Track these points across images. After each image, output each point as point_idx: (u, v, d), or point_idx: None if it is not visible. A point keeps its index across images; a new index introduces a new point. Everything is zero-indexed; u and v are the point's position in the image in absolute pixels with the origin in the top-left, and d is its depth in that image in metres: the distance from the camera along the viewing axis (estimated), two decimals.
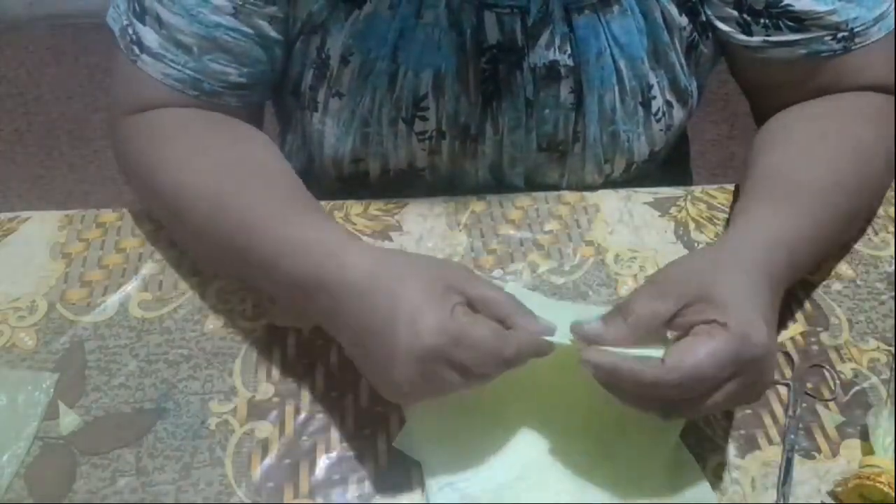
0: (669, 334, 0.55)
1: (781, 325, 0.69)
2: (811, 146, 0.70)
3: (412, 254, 0.63)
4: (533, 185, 0.83)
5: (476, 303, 0.56)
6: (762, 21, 0.73)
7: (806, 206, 0.64)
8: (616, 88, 0.76)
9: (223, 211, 0.64)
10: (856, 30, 0.72)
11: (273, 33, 0.72)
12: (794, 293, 0.71)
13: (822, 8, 0.71)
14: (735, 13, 0.74)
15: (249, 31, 0.70)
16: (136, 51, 0.70)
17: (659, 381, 0.51)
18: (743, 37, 0.75)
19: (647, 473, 0.59)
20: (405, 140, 0.78)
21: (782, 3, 0.72)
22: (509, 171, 0.81)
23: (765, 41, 0.74)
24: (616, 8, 0.73)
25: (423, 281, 0.55)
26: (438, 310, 0.53)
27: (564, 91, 0.75)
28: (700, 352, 0.51)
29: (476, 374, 0.54)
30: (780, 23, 0.73)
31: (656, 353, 0.52)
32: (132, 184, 0.74)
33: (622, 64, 0.75)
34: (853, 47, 0.73)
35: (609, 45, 0.74)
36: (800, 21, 0.72)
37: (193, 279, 0.71)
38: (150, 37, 0.70)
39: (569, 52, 0.73)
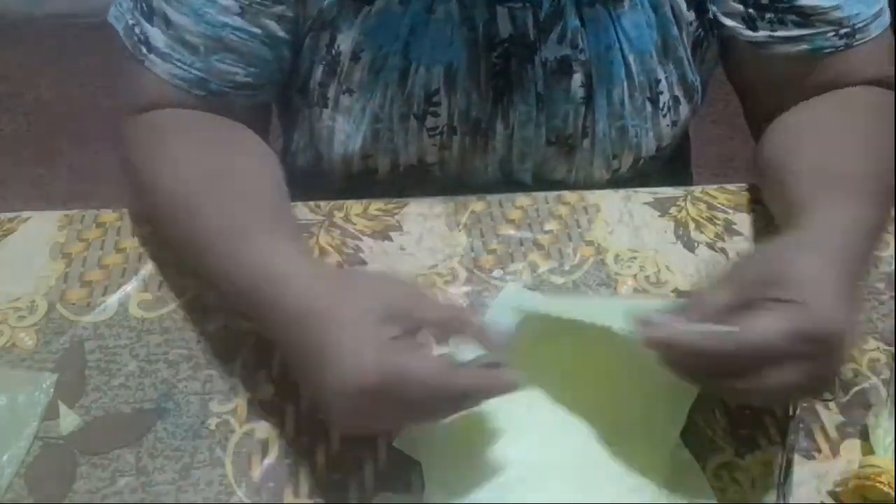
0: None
1: None
2: (846, 136, 0.70)
3: (357, 276, 0.59)
4: (541, 180, 0.83)
5: (427, 320, 0.53)
6: (767, 16, 0.73)
7: (865, 196, 0.63)
8: (625, 83, 0.76)
9: (192, 218, 0.64)
10: (857, 26, 0.73)
11: (281, 33, 0.72)
12: None
13: (827, 3, 0.72)
14: (741, 8, 0.74)
15: (257, 30, 0.70)
16: (144, 50, 0.70)
17: (730, 349, 0.50)
18: (748, 32, 0.75)
19: (648, 474, 0.59)
20: (416, 136, 0.78)
21: None
22: (518, 166, 0.81)
23: (770, 37, 0.74)
24: (626, 2, 0.73)
25: (357, 311, 0.51)
26: (371, 347, 0.50)
27: (575, 85, 0.76)
28: (773, 323, 0.50)
29: (420, 412, 0.51)
30: (786, 18, 0.73)
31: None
32: (128, 182, 0.74)
33: (631, 58, 0.75)
34: (855, 44, 0.73)
35: (619, 39, 0.74)
36: (805, 16, 0.73)
37: (193, 279, 0.71)
38: (157, 36, 0.70)
39: (580, 46, 0.74)
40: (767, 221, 0.74)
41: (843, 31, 0.73)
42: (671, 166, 0.90)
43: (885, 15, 0.74)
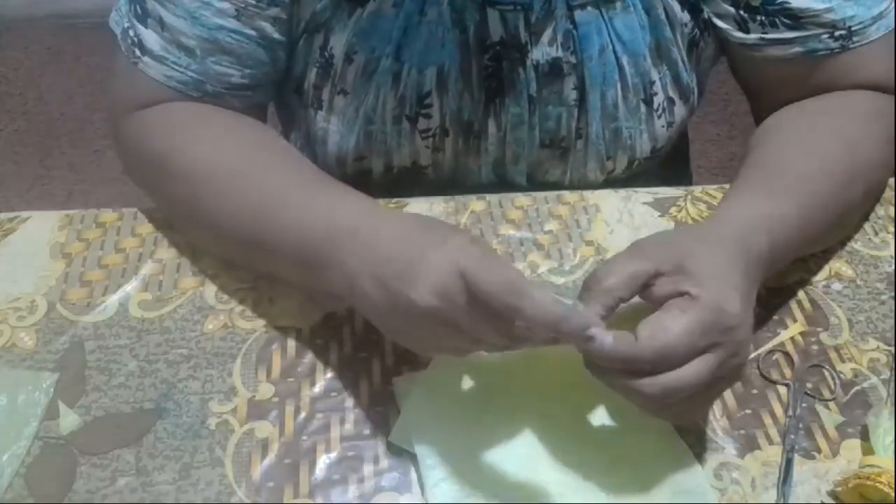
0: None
1: (781, 324, 0.69)
2: (801, 138, 0.71)
3: (437, 225, 0.59)
4: (535, 182, 0.83)
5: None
6: (759, 18, 0.73)
7: (790, 191, 0.64)
8: (618, 85, 0.76)
9: (246, 183, 0.65)
10: (853, 28, 0.72)
11: (276, 35, 0.72)
12: (794, 293, 0.71)
13: (819, 6, 0.71)
14: (732, 10, 0.74)
15: (252, 32, 0.70)
16: (138, 53, 0.70)
17: (633, 357, 0.50)
18: (740, 34, 0.75)
19: (647, 473, 0.59)
20: (409, 138, 0.78)
21: (779, 1, 0.72)
22: (512, 168, 0.81)
23: (761, 39, 0.74)
24: (619, 4, 0.73)
25: (445, 235, 0.54)
26: (472, 242, 0.53)
27: (567, 88, 0.76)
28: (671, 327, 0.51)
29: (487, 327, 0.51)
30: (777, 20, 0.73)
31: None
32: (139, 176, 0.74)
33: (625, 60, 0.75)
34: (851, 46, 0.73)
35: (612, 41, 0.74)
36: (796, 19, 0.72)
37: (193, 279, 0.71)
38: (151, 39, 0.70)
39: (572, 48, 0.74)
40: None
41: (837, 33, 0.72)
42: (670, 166, 0.90)
43: (888, 17, 0.73)
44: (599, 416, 0.61)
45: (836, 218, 0.70)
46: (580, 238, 0.75)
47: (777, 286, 0.71)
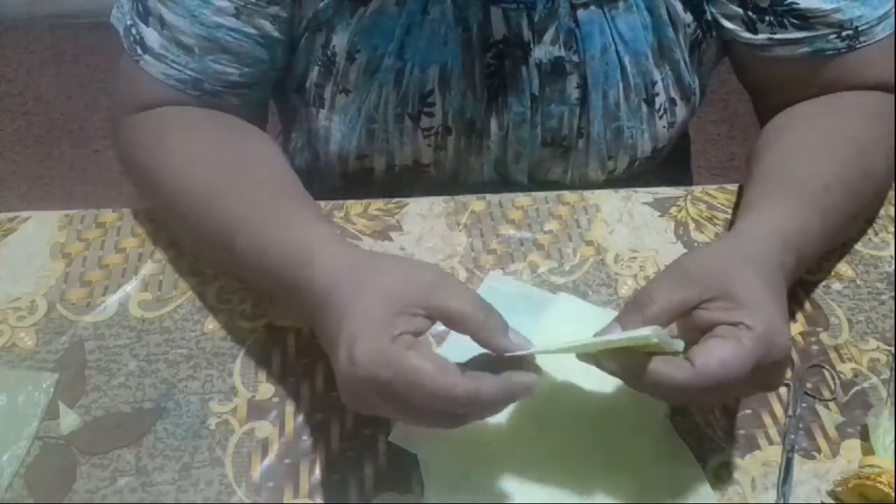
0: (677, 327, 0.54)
1: None
2: (813, 144, 0.70)
3: (382, 262, 0.56)
4: (536, 180, 0.83)
5: (442, 319, 0.52)
6: (767, 19, 0.73)
7: (812, 202, 0.64)
8: (620, 84, 0.76)
9: (214, 209, 0.64)
10: (860, 28, 0.72)
11: (275, 33, 0.72)
12: (794, 293, 0.71)
13: (827, 6, 0.72)
14: (740, 11, 0.74)
15: (251, 31, 0.71)
16: (139, 51, 0.70)
17: (688, 385, 0.50)
18: (748, 35, 0.75)
19: (647, 473, 0.59)
20: (411, 136, 0.78)
21: (787, 1, 0.72)
22: (513, 166, 0.81)
23: (769, 39, 0.74)
24: (621, 4, 0.73)
25: (373, 301, 0.51)
26: (378, 337, 0.50)
27: (570, 87, 0.76)
28: (728, 356, 0.50)
29: (418, 410, 0.50)
30: (785, 20, 0.73)
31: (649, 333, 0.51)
32: (134, 182, 0.74)
33: (627, 60, 0.75)
34: (858, 46, 0.73)
35: (614, 41, 0.74)
36: (805, 19, 0.72)
37: (193, 279, 0.71)
38: (152, 37, 0.70)
39: (574, 47, 0.74)
40: None
41: (844, 33, 0.72)
42: (670, 166, 0.90)
43: (891, 17, 0.73)
44: (599, 416, 0.61)
45: (849, 224, 0.71)
46: (580, 238, 0.75)
47: None
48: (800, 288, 0.71)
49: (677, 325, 0.55)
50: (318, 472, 0.59)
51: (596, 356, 0.53)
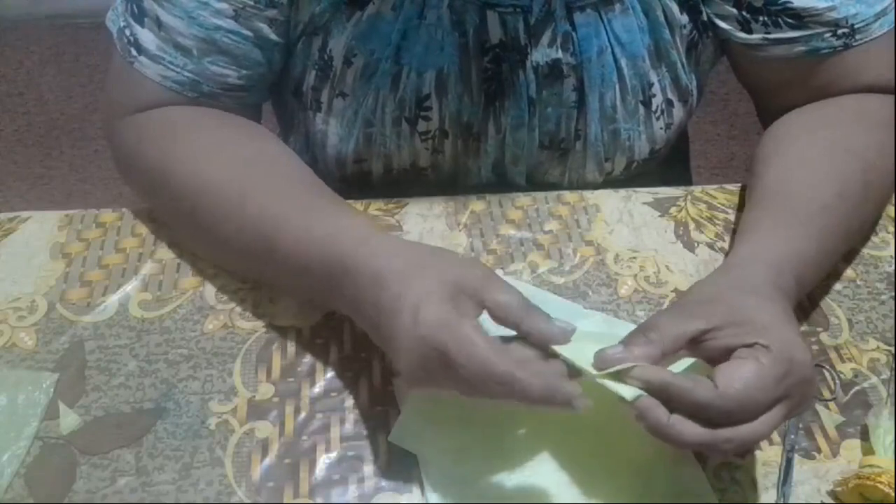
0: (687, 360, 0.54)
1: None
2: (813, 160, 0.70)
3: (436, 249, 0.61)
4: (534, 183, 0.83)
5: (491, 309, 0.54)
6: (761, 19, 0.73)
7: (813, 224, 0.64)
8: (617, 87, 0.76)
9: (247, 203, 0.64)
10: (856, 26, 0.72)
11: (273, 36, 0.72)
12: None
13: (821, 4, 0.71)
14: (734, 11, 0.74)
15: (249, 33, 0.70)
16: (134, 52, 0.70)
17: (711, 403, 0.49)
18: (743, 35, 0.75)
19: (647, 473, 0.59)
20: (408, 140, 0.78)
21: (781, 1, 0.72)
22: (511, 169, 0.81)
23: (764, 39, 0.74)
24: (618, 6, 0.73)
25: (439, 279, 0.54)
26: (442, 306, 0.52)
27: (567, 89, 0.76)
28: (749, 374, 0.50)
29: (464, 379, 0.51)
30: (780, 20, 0.73)
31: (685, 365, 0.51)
32: (135, 182, 0.74)
33: (623, 62, 0.75)
34: (854, 44, 0.73)
35: (610, 43, 0.74)
36: (799, 18, 0.72)
37: (193, 279, 0.71)
38: (148, 38, 0.70)
39: (571, 50, 0.74)
40: None
41: (840, 31, 0.72)
42: (669, 167, 0.90)
43: (889, 14, 0.73)
44: (599, 417, 0.61)
45: (852, 237, 0.71)
46: (580, 238, 0.75)
47: None
48: None
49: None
50: (318, 472, 0.59)
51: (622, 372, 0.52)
